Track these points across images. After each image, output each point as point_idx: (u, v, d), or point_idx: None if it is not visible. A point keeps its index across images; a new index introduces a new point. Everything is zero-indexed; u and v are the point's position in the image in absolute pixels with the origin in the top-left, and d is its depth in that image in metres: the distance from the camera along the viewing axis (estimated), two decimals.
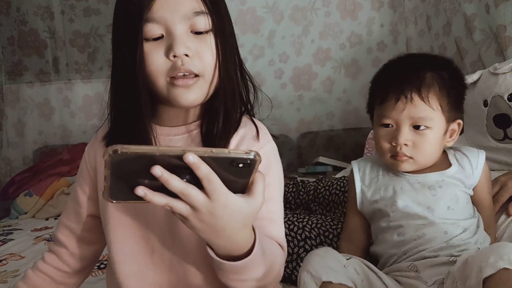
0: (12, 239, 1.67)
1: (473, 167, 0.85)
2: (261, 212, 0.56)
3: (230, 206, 0.49)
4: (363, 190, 0.91)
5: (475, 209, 0.87)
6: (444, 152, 0.89)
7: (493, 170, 1.44)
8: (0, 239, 1.69)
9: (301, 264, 1.04)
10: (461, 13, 1.88)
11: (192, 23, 0.61)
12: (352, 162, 0.97)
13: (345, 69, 2.71)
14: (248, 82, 0.71)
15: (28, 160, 2.57)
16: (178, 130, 0.69)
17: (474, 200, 0.87)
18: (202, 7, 0.62)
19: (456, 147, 0.90)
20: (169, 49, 0.60)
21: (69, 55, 2.59)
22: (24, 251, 1.51)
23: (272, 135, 0.73)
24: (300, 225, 1.15)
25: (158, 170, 0.45)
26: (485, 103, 1.44)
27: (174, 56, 0.60)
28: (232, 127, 0.66)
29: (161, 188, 0.47)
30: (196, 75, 0.62)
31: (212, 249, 0.54)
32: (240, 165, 0.47)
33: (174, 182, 0.46)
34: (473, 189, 0.86)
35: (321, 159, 2.42)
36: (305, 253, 1.07)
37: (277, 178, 0.69)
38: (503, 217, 0.94)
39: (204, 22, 0.62)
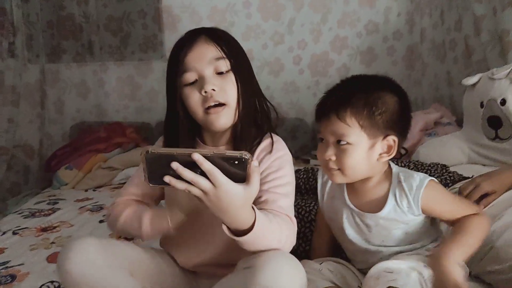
0: (59, 208, 1.93)
1: (410, 202, 0.89)
2: (277, 190, 0.83)
3: (230, 192, 0.65)
4: (322, 204, 1.04)
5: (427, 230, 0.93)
6: (388, 180, 0.92)
7: (485, 165, 1.61)
8: (49, 207, 1.96)
9: (305, 241, 1.27)
10: (471, 12, 1.98)
11: (215, 66, 0.84)
12: (319, 170, 1.06)
13: (361, 57, 2.83)
14: (266, 107, 0.93)
15: (66, 136, 2.83)
16: (212, 149, 0.89)
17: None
18: (221, 54, 0.84)
19: (404, 173, 0.92)
20: (201, 88, 0.83)
21: (103, 38, 2.79)
22: (72, 219, 1.76)
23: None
24: (307, 209, 1.36)
25: (174, 164, 0.63)
26: (482, 105, 1.59)
27: (205, 92, 0.83)
28: (253, 145, 0.89)
29: (182, 179, 0.65)
30: (223, 104, 0.85)
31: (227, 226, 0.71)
32: (236, 162, 0.65)
33: (186, 173, 0.63)
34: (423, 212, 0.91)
35: None
36: (310, 232, 1.28)
37: (289, 173, 0.89)
38: None
39: (224, 64, 0.84)
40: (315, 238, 1.16)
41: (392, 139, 0.88)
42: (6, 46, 2.36)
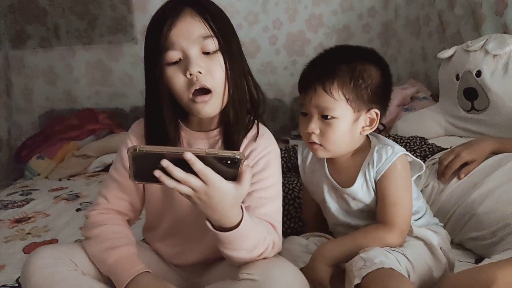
0: (33, 199, 1.86)
1: (375, 173, 0.89)
2: (261, 193, 0.78)
3: (222, 190, 0.64)
4: (304, 178, 1.04)
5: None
6: (365, 154, 0.91)
7: (461, 137, 1.64)
8: (22, 198, 1.88)
9: (290, 218, 1.26)
10: None
11: (202, 45, 0.76)
12: (299, 145, 1.06)
13: (337, 35, 2.82)
14: (255, 90, 0.86)
15: (36, 125, 2.72)
16: (201, 135, 0.86)
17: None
18: (209, 32, 0.76)
19: (380, 145, 0.90)
20: (185, 69, 0.75)
21: (69, 22, 2.66)
22: (48, 209, 1.70)
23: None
24: (290, 187, 1.35)
25: (165, 162, 0.60)
26: (457, 77, 1.61)
27: (190, 74, 0.75)
28: (242, 133, 0.84)
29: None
30: (209, 91, 0.77)
31: (211, 224, 0.70)
32: (229, 162, 0.63)
33: (177, 172, 0.61)
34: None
35: None
36: (294, 210, 1.28)
37: (275, 173, 0.85)
38: (454, 180, 1.14)
39: (212, 44, 0.76)
40: (304, 212, 1.16)
41: (375, 112, 0.89)
42: None
